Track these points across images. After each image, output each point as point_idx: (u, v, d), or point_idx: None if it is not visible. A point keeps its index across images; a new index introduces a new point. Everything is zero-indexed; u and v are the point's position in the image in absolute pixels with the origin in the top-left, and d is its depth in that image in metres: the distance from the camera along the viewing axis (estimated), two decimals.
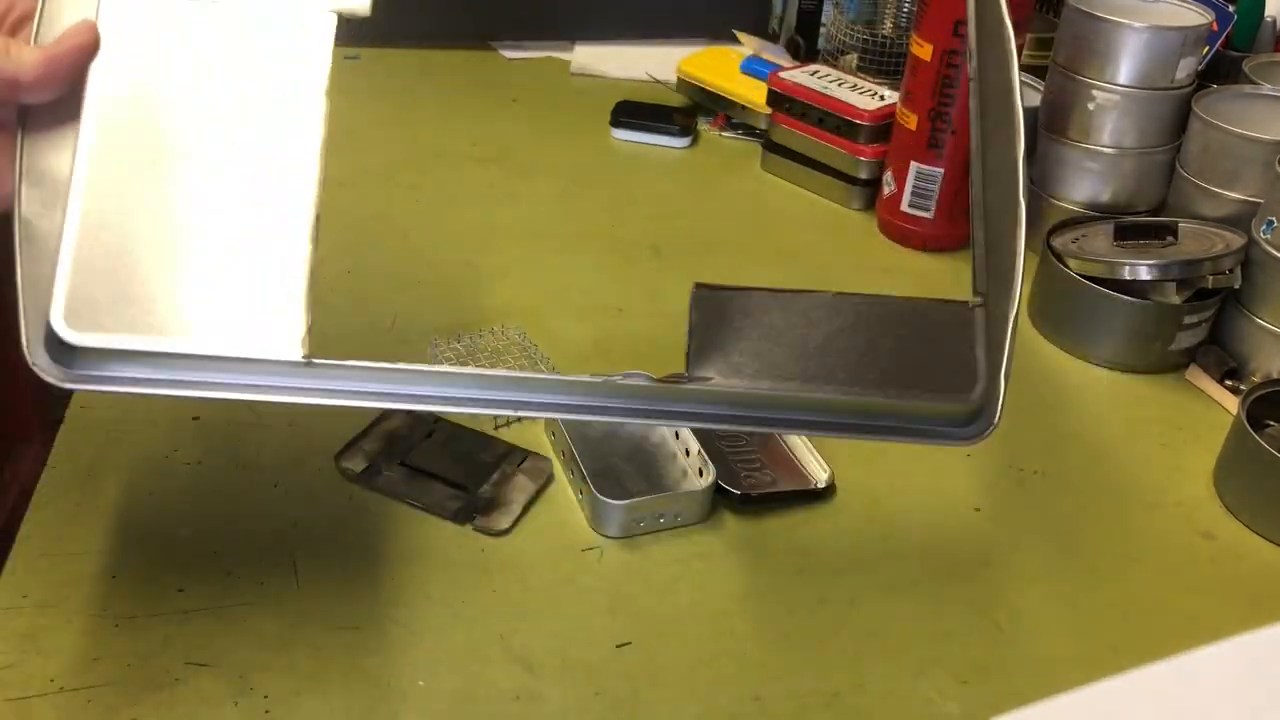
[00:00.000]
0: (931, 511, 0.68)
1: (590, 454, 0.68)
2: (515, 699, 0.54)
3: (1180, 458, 0.74)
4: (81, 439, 0.67)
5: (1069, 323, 0.83)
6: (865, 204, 1.00)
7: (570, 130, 1.10)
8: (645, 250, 0.92)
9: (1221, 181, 0.85)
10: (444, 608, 0.59)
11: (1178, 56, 0.87)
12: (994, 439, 0.74)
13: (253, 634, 0.56)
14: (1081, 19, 0.89)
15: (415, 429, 0.69)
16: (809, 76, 1.02)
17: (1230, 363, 0.81)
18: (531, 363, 0.77)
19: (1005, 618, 0.61)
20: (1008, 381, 0.52)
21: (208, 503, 0.63)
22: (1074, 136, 0.92)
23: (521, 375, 0.54)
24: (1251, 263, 0.79)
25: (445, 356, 0.76)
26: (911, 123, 0.90)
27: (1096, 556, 0.66)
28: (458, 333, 0.78)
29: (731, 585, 0.62)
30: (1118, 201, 0.93)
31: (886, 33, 1.11)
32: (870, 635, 0.59)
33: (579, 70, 1.23)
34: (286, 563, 0.60)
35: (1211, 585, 0.65)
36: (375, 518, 0.64)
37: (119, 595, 0.57)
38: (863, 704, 0.56)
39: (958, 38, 0.85)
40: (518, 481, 0.66)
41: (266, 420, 0.69)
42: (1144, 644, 0.61)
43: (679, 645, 0.58)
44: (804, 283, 0.89)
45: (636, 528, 0.64)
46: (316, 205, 0.49)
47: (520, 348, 0.78)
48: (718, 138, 1.12)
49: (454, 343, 0.77)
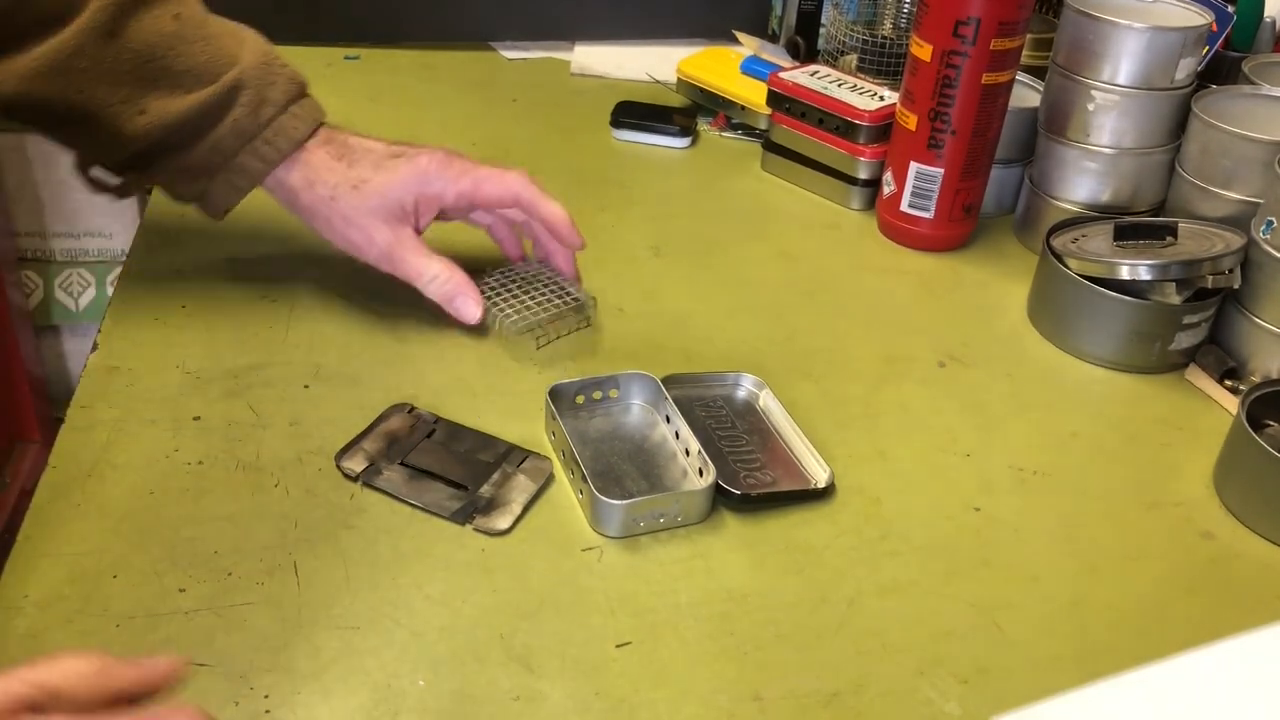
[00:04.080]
0: (931, 511, 0.68)
1: (590, 454, 0.68)
2: (515, 699, 0.54)
3: (1180, 458, 0.74)
4: (81, 439, 0.67)
5: (1068, 322, 0.83)
6: (865, 204, 1.00)
7: (570, 130, 1.10)
8: (645, 250, 0.92)
9: (1221, 182, 0.85)
10: (444, 608, 0.59)
11: (1177, 57, 0.87)
12: (994, 439, 0.74)
13: (253, 634, 0.56)
14: (1081, 19, 0.89)
15: (415, 429, 0.69)
16: (809, 77, 1.02)
17: (1230, 363, 0.81)
18: (560, 289, 0.80)
19: (1005, 618, 0.61)
20: None
21: (208, 503, 0.63)
22: (1073, 137, 0.92)
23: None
24: (1251, 263, 0.79)
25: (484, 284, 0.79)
26: (911, 123, 0.90)
27: (1096, 556, 0.66)
28: (488, 268, 0.81)
29: (731, 585, 0.62)
30: (1117, 201, 0.93)
31: (886, 33, 1.11)
32: (870, 635, 0.59)
33: (579, 70, 1.23)
34: (286, 563, 0.60)
35: (1211, 585, 0.65)
36: (375, 518, 0.64)
37: (119, 595, 0.57)
38: (863, 704, 0.56)
39: (957, 38, 0.85)
40: (518, 481, 0.66)
41: (266, 420, 0.69)
42: (1144, 644, 0.61)
43: (679, 645, 0.58)
44: (804, 282, 0.90)
45: (636, 527, 0.64)
46: None
47: (547, 277, 0.81)
48: (718, 138, 1.12)
49: (483, 277, 0.80)
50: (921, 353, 0.82)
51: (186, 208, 0.75)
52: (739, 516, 0.66)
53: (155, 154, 0.71)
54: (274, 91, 0.72)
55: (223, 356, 0.75)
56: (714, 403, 0.74)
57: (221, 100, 0.70)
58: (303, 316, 0.79)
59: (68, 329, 1.77)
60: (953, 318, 0.87)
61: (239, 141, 0.71)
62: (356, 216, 0.73)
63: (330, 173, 0.73)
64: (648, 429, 0.71)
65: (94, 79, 0.67)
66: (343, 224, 0.73)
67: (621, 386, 0.72)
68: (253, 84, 0.71)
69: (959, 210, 0.93)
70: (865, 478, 0.70)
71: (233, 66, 0.71)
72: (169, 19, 0.70)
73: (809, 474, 0.69)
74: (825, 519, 0.67)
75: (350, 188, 0.72)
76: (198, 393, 0.71)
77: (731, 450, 0.70)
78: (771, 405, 0.73)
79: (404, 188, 0.73)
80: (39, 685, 0.40)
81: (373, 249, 0.74)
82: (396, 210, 0.73)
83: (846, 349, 0.82)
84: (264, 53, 0.73)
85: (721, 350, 0.80)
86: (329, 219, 0.74)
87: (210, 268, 0.83)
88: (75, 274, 1.73)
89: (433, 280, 0.74)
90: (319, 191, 0.73)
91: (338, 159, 0.73)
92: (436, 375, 0.75)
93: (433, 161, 0.74)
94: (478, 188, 0.76)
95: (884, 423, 0.75)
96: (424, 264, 0.74)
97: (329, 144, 0.74)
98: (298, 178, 0.73)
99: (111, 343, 0.75)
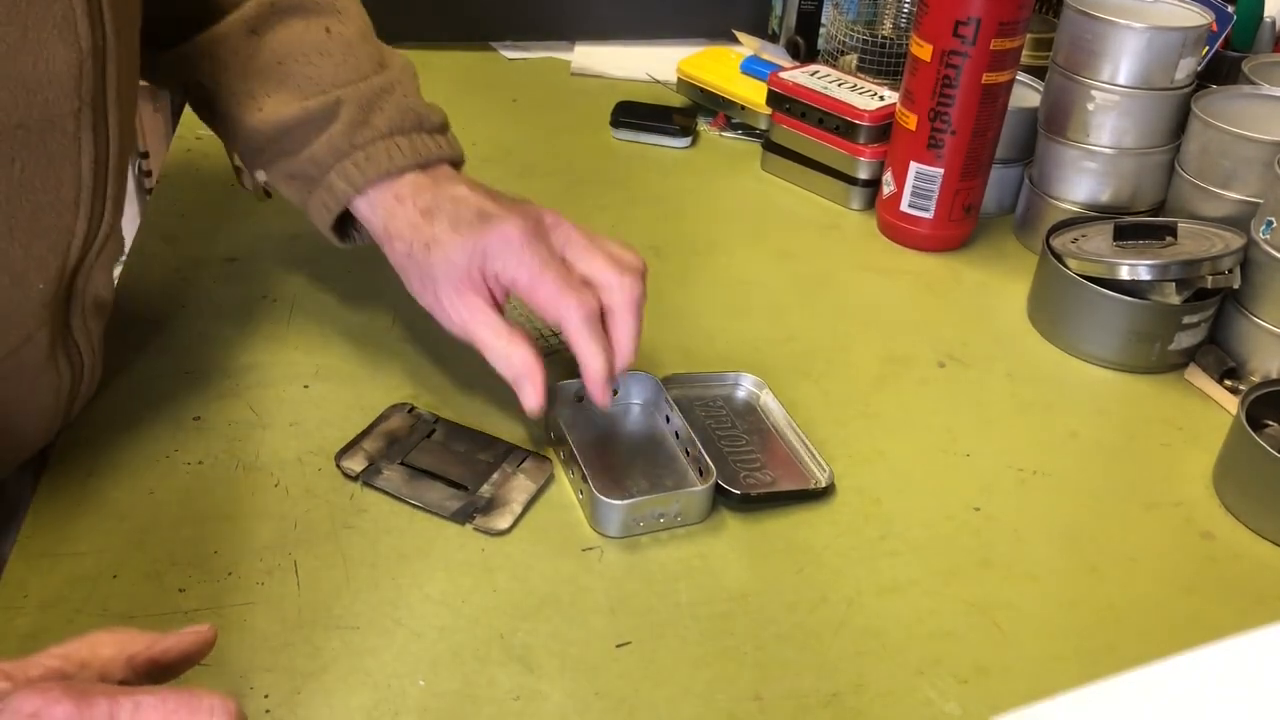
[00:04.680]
0: (931, 511, 0.68)
1: (590, 454, 0.68)
2: (515, 699, 0.54)
3: (1180, 458, 0.74)
4: (81, 439, 0.67)
5: (1068, 322, 0.83)
6: (865, 204, 1.00)
7: (570, 130, 1.10)
8: (645, 250, 0.91)
9: (1221, 182, 0.85)
10: (444, 608, 0.59)
11: (1177, 57, 0.87)
12: (994, 439, 0.74)
13: (253, 634, 0.56)
14: (1081, 19, 0.89)
15: (415, 429, 0.69)
16: (809, 77, 1.02)
17: (1229, 363, 0.81)
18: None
19: (1005, 618, 0.61)
20: None
21: (208, 503, 0.63)
22: (1073, 137, 0.92)
23: None
24: (1251, 263, 0.79)
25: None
26: (911, 123, 0.90)
27: (1096, 556, 0.66)
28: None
29: (731, 585, 0.62)
30: (1117, 201, 0.93)
31: (886, 33, 1.11)
32: (870, 635, 0.59)
33: (579, 70, 1.23)
34: (287, 563, 0.60)
35: (1211, 585, 0.65)
36: (375, 518, 0.64)
37: (119, 595, 0.57)
38: (862, 704, 0.56)
39: (957, 38, 0.85)
40: (518, 481, 0.66)
41: (266, 420, 0.69)
42: (1144, 644, 0.61)
43: (679, 645, 0.58)
44: (804, 282, 0.90)
45: (636, 527, 0.64)
46: None
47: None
48: (718, 138, 1.12)
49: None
50: (921, 353, 0.82)
51: (186, 208, 0.76)
52: (739, 516, 0.66)
53: (268, 154, 0.70)
54: (379, 117, 0.68)
55: (223, 356, 0.75)
56: (714, 403, 0.74)
57: (325, 112, 0.67)
58: (303, 316, 0.79)
59: None
60: (953, 318, 0.87)
61: (332, 158, 0.68)
62: (431, 279, 0.66)
63: (409, 228, 0.66)
64: (648, 429, 0.71)
65: (226, 68, 0.69)
66: (419, 284, 0.67)
67: (621, 386, 0.72)
68: (359, 103, 0.68)
69: (959, 210, 0.93)
70: (865, 478, 0.70)
71: (354, 83, 0.68)
72: (320, 30, 0.70)
73: (809, 474, 0.69)
74: (825, 519, 0.67)
75: (424, 246, 0.65)
76: (198, 393, 0.71)
77: (731, 450, 0.70)
78: (771, 405, 0.73)
79: (469, 257, 0.64)
80: (66, 657, 0.40)
81: (445, 317, 0.66)
82: (471, 277, 0.65)
83: (846, 349, 0.82)
84: (394, 80, 0.70)
85: (721, 350, 0.80)
86: (409, 277, 0.67)
87: (210, 268, 0.83)
88: None
89: (499, 360, 0.65)
90: (398, 246, 0.67)
91: (423, 213, 0.66)
92: (436, 375, 0.75)
93: (515, 231, 0.64)
94: (534, 291, 0.65)
95: (884, 423, 0.75)
96: (491, 344, 0.65)
97: (422, 193, 0.67)
98: (381, 224, 0.67)
99: (111, 342, 0.75)
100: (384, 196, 0.67)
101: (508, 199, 0.67)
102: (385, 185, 0.67)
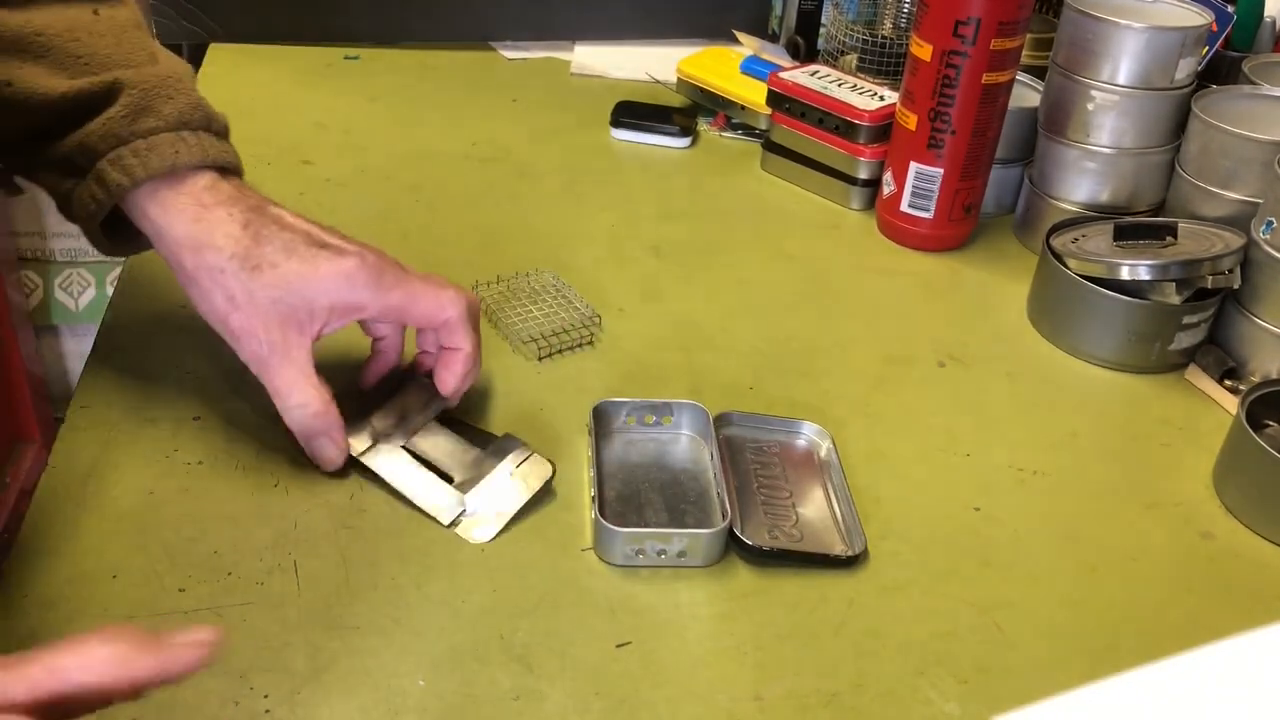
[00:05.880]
0: (931, 511, 0.68)
1: (621, 477, 0.67)
2: (515, 699, 0.54)
3: (1180, 458, 0.74)
4: (81, 439, 0.67)
5: (1068, 322, 0.83)
6: (865, 204, 1.00)
7: (570, 130, 1.10)
8: (645, 250, 0.92)
9: (1221, 182, 0.85)
10: (444, 608, 0.59)
11: (1177, 57, 0.87)
12: (994, 439, 0.74)
13: (253, 634, 0.56)
14: (1081, 19, 0.89)
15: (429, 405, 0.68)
16: (809, 77, 1.02)
17: (1230, 363, 0.81)
18: (567, 302, 0.82)
19: (1005, 618, 0.61)
20: None
21: (208, 503, 0.63)
22: (1073, 137, 0.92)
23: None
24: (1251, 263, 0.79)
25: (486, 296, 0.80)
26: (911, 123, 0.90)
27: (1096, 556, 0.66)
28: (497, 275, 0.83)
29: (731, 585, 0.62)
30: (1117, 201, 0.93)
31: (886, 33, 1.11)
32: (870, 635, 0.59)
33: (579, 70, 1.23)
34: (287, 563, 0.60)
35: (1211, 585, 0.65)
36: (375, 518, 0.64)
37: (119, 595, 0.57)
38: (862, 704, 0.56)
39: (957, 38, 0.85)
40: (517, 482, 0.66)
41: (266, 420, 0.69)
42: (1144, 644, 0.61)
43: (679, 645, 0.58)
44: (804, 283, 0.90)
45: (635, 558, 0.62)
46: None
47: (555, 289, 0.83)
48: (718, 138, 1.12)
49: (494, 284, 0.82)
50: (921, 353, 0.82)
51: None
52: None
53: (21, 136, 0.62)
54: (166, 106, 0.61)
55: (223, 356, 0.74)
56: (768, 447, 0.70)
57: (100, 94, 0.60)
58: None
59: (67, 329, 1.77)
60: (953, 318, 0.87)
61: (105, 145, 0.60)
62: (245, 303, 0.60)
63: (228, 240, 0.60)
64: (692, 462, 0.69)
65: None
66: (223, 302, 0.61)
67: (675, 414, 0.70)
68: (142, 88, 0.61)
69: (959, 210, 0.93)
70: (865, 478, 0.70)
71: (131, 67, 0.62)
72: (87, 10, 0.63)
73: (837, 540, 0.64)
74: None
75: (250, 267, 0.60)
76: (198, 393, 0.71)
77: (768, 499, 0.67)
78: (831, 460, 0.70)
79: (319, 288, 0.61)
80: (60, 680, 0.39)
81: (249, 346, 0.62)
82: (299, 312, 0.61)
83: (846, 349, 0.82)
84: (178, 76, 0.63)
85: (721, 350, 0.80)
86: (206, 292, 0.61)
87: None
88: (75, 274, 1.73)
89: (297, 408, 0.62)
90: (208, 256, 0.60)
91: (243, 226, 0.61)
92: None
93: (363, 267, 0.62)
94: (412, 305, 0.64)
95: (884, 423, 0.75)
96: (294, 386, 0.62)
97: (234, 204, 0.61)
98: (179, 227, 0.60)
99: (111, 343, 0.75)
100: (176, 196, 0.61)
101: (329, 229, 0.64)
102: (173, 183, 0.61)
